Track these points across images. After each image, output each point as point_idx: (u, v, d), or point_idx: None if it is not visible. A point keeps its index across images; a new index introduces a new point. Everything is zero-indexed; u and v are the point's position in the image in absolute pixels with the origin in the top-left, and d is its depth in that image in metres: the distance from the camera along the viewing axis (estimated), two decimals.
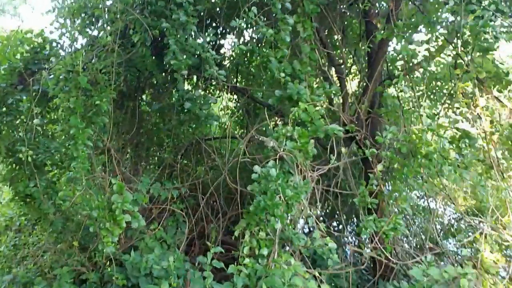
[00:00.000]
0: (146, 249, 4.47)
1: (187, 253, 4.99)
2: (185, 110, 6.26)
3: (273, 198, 3.25)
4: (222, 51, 5.97)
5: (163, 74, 5.66)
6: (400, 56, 4.23)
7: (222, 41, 5.99)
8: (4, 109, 4.06)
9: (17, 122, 4.35)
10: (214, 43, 5.73)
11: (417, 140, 3.76)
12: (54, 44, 4.65)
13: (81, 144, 3.58)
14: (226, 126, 6.37)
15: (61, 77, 3.85)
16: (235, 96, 6.54)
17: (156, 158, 6.41)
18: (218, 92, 6.00)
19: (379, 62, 4.94)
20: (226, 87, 4.94)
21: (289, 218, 3.66)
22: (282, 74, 3.79)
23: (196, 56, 4.12)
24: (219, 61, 5.17)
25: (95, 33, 4.60)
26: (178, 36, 3.62)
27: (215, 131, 7.23)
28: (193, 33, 4.03)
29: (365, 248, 3.96)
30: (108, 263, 4.66)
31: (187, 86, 6.76)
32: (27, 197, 4.46)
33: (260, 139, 3.50)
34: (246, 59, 6.00)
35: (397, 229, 3.84)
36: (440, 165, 3.76)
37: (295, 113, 3.87)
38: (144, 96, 6.31)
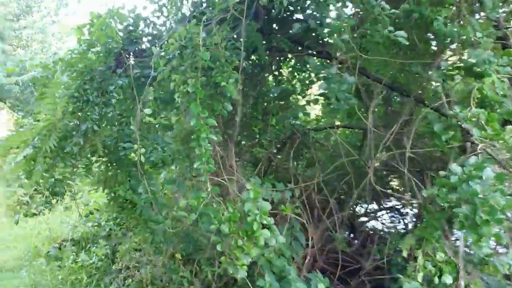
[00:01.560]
0: (267, 265, 3.64)
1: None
2: (285, 97, 5.45)
3: (494, 213, 2.24)
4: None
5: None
6: None
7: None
8: (100, 98, 3.34)
9: (112, 113, 3.65)
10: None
11: None
12: (148, 21, 3.94)
13: (204, 139, 2.77)
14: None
15: (169, 56, 3.07)
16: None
17: (250, 153, 5.58)
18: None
19: None
20: (352, 63, 3.95)
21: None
22: (479, 34, 2.75)
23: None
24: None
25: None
26: None
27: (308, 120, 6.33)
28: None
29: None
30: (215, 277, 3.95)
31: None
32: (126, 202, 3.80)
33: (462, 125, 2.51)
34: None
35: None
36: None
37: (481, 90, 2.85)
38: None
